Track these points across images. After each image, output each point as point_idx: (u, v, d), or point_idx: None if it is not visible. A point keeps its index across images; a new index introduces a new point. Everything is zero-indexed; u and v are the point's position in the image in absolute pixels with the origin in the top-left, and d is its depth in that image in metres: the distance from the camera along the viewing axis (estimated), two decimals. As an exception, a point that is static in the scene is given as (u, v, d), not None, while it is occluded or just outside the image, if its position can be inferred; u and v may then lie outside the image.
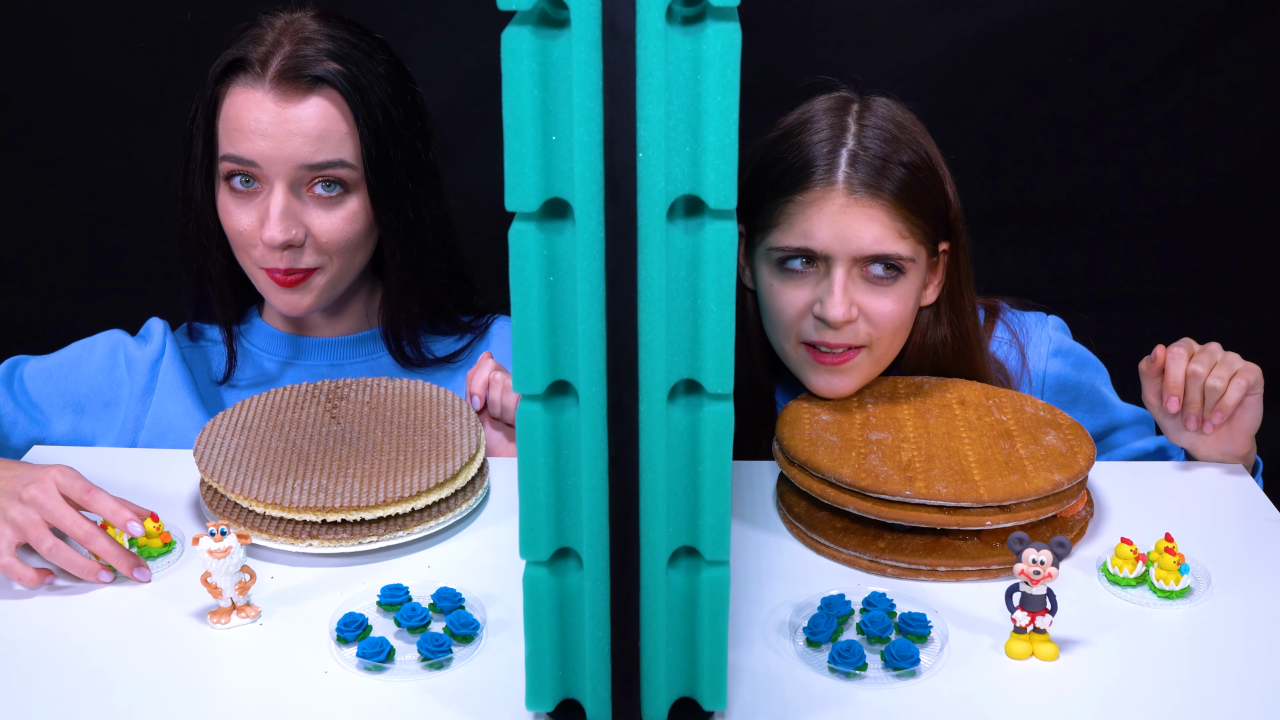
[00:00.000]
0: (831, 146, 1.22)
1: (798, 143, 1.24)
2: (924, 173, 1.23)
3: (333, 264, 1.30)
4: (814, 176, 1.21)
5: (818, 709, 0.91)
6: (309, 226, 1.27)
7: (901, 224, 1.21)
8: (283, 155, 1.24)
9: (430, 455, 1.15)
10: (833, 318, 1.21)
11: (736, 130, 0.74)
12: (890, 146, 1.22)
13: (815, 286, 1.23)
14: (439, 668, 0.95)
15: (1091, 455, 1.13)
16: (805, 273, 1.23)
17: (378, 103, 1.27)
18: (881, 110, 1.26)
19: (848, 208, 1.20)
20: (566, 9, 0.72)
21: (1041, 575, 0.94)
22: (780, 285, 1.25)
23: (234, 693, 0.93)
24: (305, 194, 1.27)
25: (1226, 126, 1.73)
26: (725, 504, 0.81)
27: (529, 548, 0.83)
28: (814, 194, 1.21)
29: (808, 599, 1.02)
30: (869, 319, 1.23)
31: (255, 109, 1.24)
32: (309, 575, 1.07)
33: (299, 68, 1.24)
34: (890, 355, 1.28)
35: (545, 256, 0.77)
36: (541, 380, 0.80)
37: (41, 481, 1.05)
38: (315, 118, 1.25)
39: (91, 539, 1.04)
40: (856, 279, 1.22)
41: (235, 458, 1.14)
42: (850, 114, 1.25)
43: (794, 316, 1.24)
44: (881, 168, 1.21)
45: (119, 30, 1.68)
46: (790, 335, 1.26)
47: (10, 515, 1.04)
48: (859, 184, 1.20)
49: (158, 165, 1.72)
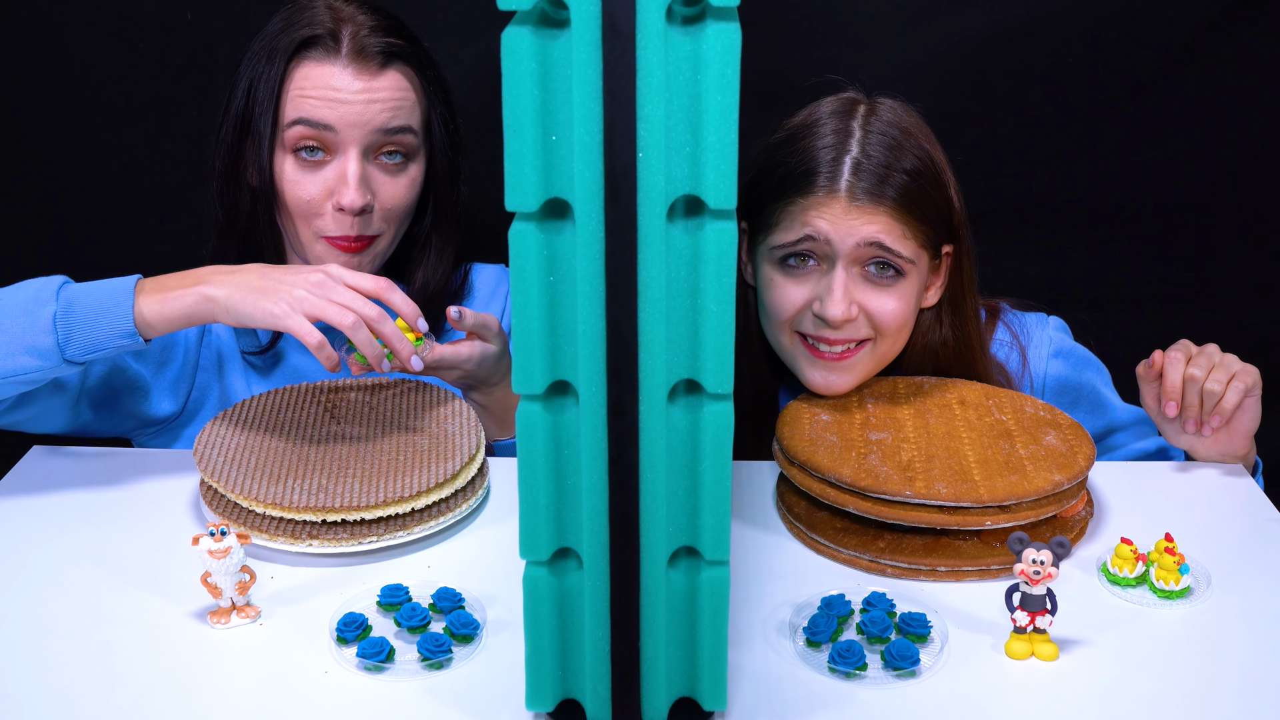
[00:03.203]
0: (836, 154, 1.22)
1: (802, 147, 1.24)
2: (927, 179, 1.24)
3: (389, 231, 1.36)
4: (817, 182, 1.22)
5: (818, 709, 0.91)
6: (376, 192, 1.33)
7: (903, 228, 1.21)
8: (362, 119, 1.30)
9: (430, 455, 1.15)
10: (832, 316, 1.21)
11: (736, 130, 0.74)
12: (894, 154, 1.22)
13: (816, 284, 1.24)
14: (439, 668, 0.95)
15: (1091, 455, 1.13)
16: (807, 270, 1.24)
17: (435, 77, 1.37)
18: (886, 115, 1.26)
19: (849, 213, 1.20)
20: (566, 9, 0.72)
21: (1041, 575, 0.94)
22: (781, 279, 1.25)
23: (234, 693, 0.93)
24: (373, 161, 1.33)
25: (1226, 127, 1.73)
26: (725, 504, 0.81)
27: (529, 548, 0.83)
28: (816, 198, 1.21)
29: (808, 599, 1.02)
30: (870, 317, 1.24)
31: (334, 80, 1.30)
32: (309, 575, 1.07)
33: (372, 44, 1.31)
34: (891, 354, 1.28)
35: (545, 256, 0.77)
36: (541, 380, 0.80)
37: (329, 269, 1.13)
38: (391, 88, 1.32)
39: (381, 321, 1.12)
40: (857, 278, 1.23)
41: (235, 457, 1.14)
42: (855, 118, 1.25)
43: (792, 311, 1.25)
44: (885, 175, 1.21)
45: (119, 30, 1.68)
46: (785, 328, 1.26)
47: (298, 291, 1.11)
48: (861, 192, 1.20)
49: (157, 165, 1.72)
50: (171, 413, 1.36)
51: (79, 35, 1.68)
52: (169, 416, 1.36)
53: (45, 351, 1.11)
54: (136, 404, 1.33)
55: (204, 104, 1.63)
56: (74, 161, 1.74)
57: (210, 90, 1.46)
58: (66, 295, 1.13)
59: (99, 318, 1.11)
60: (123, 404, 1.33)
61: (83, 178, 1.75)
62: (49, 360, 1.11)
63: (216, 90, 1.40)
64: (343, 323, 1.10)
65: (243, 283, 1.11)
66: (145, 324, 1.12)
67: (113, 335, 1.11)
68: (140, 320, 1.11)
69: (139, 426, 1.36)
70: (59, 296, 1.13)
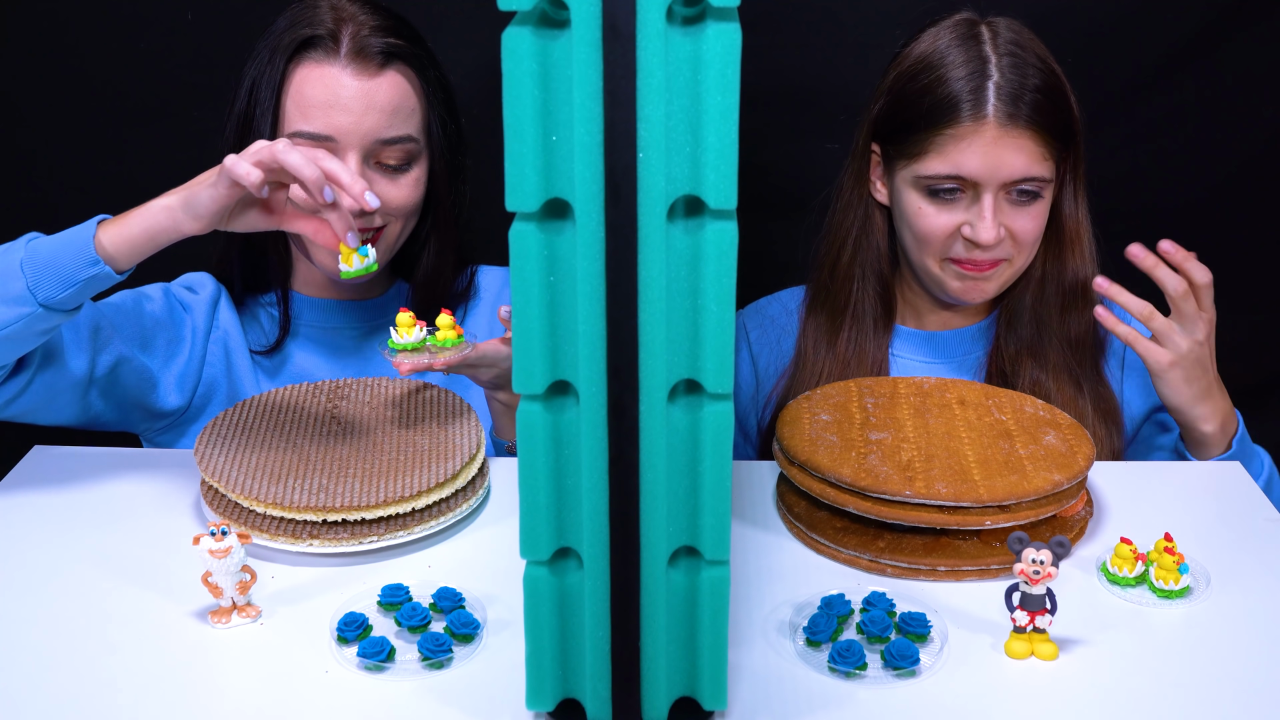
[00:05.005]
0: (977, 82, 1.32)
1: (940, 76, 1.33)
2: (1054, 91, 1.34)
3: (396, 223, 1.37)
4: (962, 111, 1.32)
5: (818, 709, 0.91)
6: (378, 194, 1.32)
7: (1044, 148, 1.33)
8: (360, 129, 1.30)
9: (430, 455, 1.15)
10: (985, 240, 1.33)
11: (736, 130, 0.74)
12: (1023, 73, 1.32)
13: (965, 210, 1.35)
14: (439, 668, 0.95)
15: (1091, 455, 1.13)
16: (955, 198, 1.35)
17: (436, 78, 1.37)
18: (1006, 34, 1.35)
19: (998, 139, 1.31)
20: (567, 9, 0.72)
21: (1041, 575, 0.94)
22: (931, 209, 1.36)
23: (234, 693, 0.93)
24: (373, 165, 1.34)
25: (1226, 127, 1.73)
26: (725, 504, 0.81)
27: (529, 548, 0.83)
28: (964, 128, 1.31)
29: (808, 599, 1.02)
30: (1014, 236, 1.36)
31: (332, 84, 1.30)
32: (309, 575, 1.07)
33: (372, 44, 1.31)
34: (1026, 265, 1.40)
35: (545, 256, 0.77)
36: (541, 380, 0.80)
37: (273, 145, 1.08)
38: (390, 92, 1.32)
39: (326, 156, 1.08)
40: (1002, 202, 1.34)
41: (236, 457, 1.14)
42: (984, 43, 1.34)
43: (944, 238, 1.37)
44: (1020, 94, 1.32)
45: (119, 31, 1.68)
46: (937, 255, 1.38)
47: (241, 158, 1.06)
48: (1006, 117, 1.31)
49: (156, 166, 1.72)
50: (179, 406, 1.36)
51: (79, 35, 1.68)
52: (176, 410, 1.36)
53: (19, 298, 1.10)
54: (145, 395, 1.34)
55: (204, 104, 1.63)
56: (74, 161, 1.74)
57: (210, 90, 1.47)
58: (34, 243, 1.13)
59: (62, 253, 1.10)
60: (132, 395, 1.33)
61: (83, 178, 1.75)
62: (25, 305, 1.10)
63: (216, 90, 1.40)
64: (275, 148, 1.06)
65: (195, 181, 1.10)
66: (108, 251, 1.10)
67: (78, 266, 1.10)
68: (102, 247, 1.10)
69: (147, 419, 1.37)
70: (27, 245, 1.13)
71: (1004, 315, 1.44)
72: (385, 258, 1.39)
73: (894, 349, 1.47)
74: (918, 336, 1.47)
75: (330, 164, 1.09)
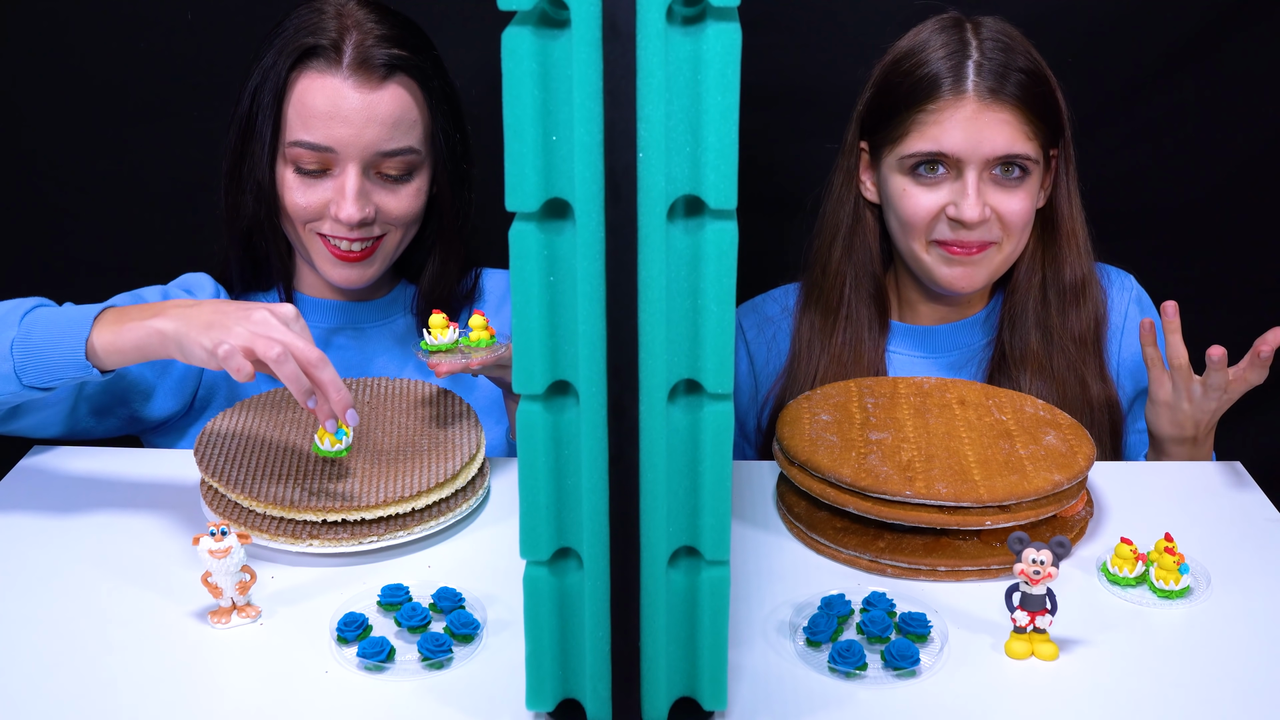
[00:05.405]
0: (957, 60, 1.32)
1: (921, 59, 1.34)
2: (1040, 78, 1.34)
3: (395, 232, 1.37)
4: (943, 87, 1.32)
5: (818, 709, 0.91)
6: (378, 205, 1.34)
7: (1027, 126, 1.32)
8: (361, 142, 1.30)
9: (430, 455, 1.15)
10: (969, 218, 1.32)
11: (736, 130, 0.74)
12: (1008, 54, 1.32)
13: (950, 190, 1.33)
14: (439, 668, 0.95)
15: (1091, 455, 1.13)
16: (938, 177, 1.35)
17: (440, 88, 1.35)
18: (992, 24, 1.36)
19: (979, 113, 1.31)
20: (567, 9, 0.72)
21: (1041, 575, 0.94)
22: (915, 189, 1.36)
23: (234, 693, 0.93)
24: (373, 175, 1.33)
25: (1226, 127, 1.73)
26: (725, 504, 0.81)
27: (529, 548, 0.83)
28: (944, 102, 1.32)
29: (808, 599, 1.02)
30: (1000, 218, 1.35)
31: (334, 95, 1.29)
32: (309, 575, 1.07)
33: (376, 55, 1.30)
34: (1016, 253, 1.39)
35: (545, 256, 0.77)
36: (541, 380, 0.80)
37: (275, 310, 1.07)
38: (392, 104, 1.31)
39: (320, 367, 1.05)
40: (987, 181, 1.33)
41: (236, 457, 1.14)
42: (965, 29, 1.35)
43: (928, 218, 1.36)
44: (1004, 73, 1.31)
45: (119, 31, 1.68)
46: (922, 237, 1.37)
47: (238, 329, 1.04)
48: (986, 90, 1.31)
49: (157, 166, 1.72)
50: (173, 412, 1.36)
51: (80, 36, 1.68)
52: (169, 417, 1.36)
53: (5, 376, 1.10)
54: (138, 407, 1.33)
55: (204, 105, 1.63)
56: (74, 161, 1.74)
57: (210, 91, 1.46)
58: (29, 321, 1.11)
59: (54, 347, 1.09)
60: (122, 408, 1.32)
61: (83, 178, 1.75)
62: (10, 385, 1.10)
63: (216, 91, 1.40)
64: (268, 354, 1.03)
65: (194, 317, 1.07)
66: (98, 356, 1.09)
67: (66, 365, 1.09)
68: (93, 352, 1.09)
69: (134, 427, 1.36)
70: (21, 322, 1.11)
71: (1006, 320, 1.43)
72: (385, 265, 1.39)
73: (889, 345, 1.47)
74: (913, 332, 1.47)
75: (322, 375, 1.06)
